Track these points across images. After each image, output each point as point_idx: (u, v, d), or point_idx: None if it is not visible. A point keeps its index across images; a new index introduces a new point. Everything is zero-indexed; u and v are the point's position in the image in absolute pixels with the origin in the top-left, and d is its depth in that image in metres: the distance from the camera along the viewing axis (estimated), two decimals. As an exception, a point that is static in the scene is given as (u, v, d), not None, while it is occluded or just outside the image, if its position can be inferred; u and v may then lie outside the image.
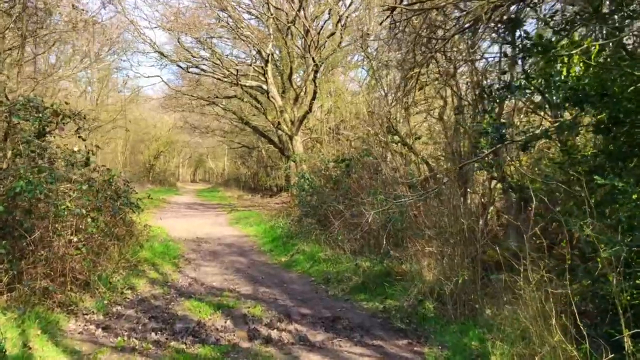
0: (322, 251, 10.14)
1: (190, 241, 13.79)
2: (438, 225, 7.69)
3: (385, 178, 10.81)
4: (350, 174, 11.71)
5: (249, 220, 17.73)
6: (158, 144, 49.36)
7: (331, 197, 11.50)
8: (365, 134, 12.96)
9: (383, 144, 13.13)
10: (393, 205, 8.77)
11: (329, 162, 12.89)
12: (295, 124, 21.34)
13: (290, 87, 22.00)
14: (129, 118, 34.98)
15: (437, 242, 7.35)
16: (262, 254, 11.81)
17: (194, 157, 78.27)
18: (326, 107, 21.72)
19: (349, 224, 10.35)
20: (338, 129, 18.34)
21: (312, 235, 11.06)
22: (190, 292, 8.46)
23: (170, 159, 63.08)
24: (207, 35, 19.39)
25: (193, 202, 31.46)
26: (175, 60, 20.32)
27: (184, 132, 48.29)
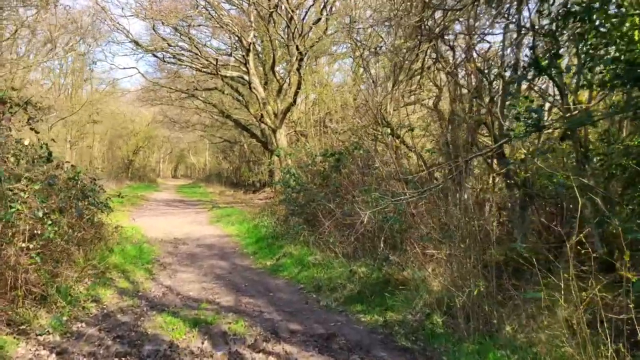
0: (312, 254, 9.20)
1: (167, 242, 12.77)
2: (445, 226, 6.79)
3: (379, 173, 9.91)
4: (341, 170, 10.78)
5: (231, 219, 16.73)
6: (137, 139, 48.07)
7: (320, 195, 10.56)
8: (355, 126, 12.03)
9: (373, 136, 12.22)
10: (390, 204, 7.86)
11: (316, 156, 11.94)
12: (279, 117, 20.36)
13: (273, 78, 20.99)
14: (105, 112, 33.67)
15: (445, 245, 6.45)
16: (245, 257, 10.84)
17: (175, 153, 76.96)
18: (311, 99, 20.76)
19: (341, 224, 9.43)
20: (324, 121, 17.40)
21: (300, 236, 10.11)
22: (164, 304, 7.48)
23: (150, 155, 61.79)
24: (185, 24, 18.29)
25: (173, 198, 30.34)
26: (150, 49, 19.18)
27: (164, 127, 47.05)
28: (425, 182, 10.03)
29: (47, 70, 29.71)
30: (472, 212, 6.18)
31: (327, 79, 19.79)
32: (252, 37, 20.16)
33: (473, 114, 10.67)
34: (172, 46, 19.61)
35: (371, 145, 11.02)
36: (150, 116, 46.89)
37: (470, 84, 10.34)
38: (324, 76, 20.16)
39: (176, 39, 20.16)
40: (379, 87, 14.23)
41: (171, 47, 19.61)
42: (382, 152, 10.94)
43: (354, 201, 9.11)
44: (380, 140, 11.46)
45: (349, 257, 8.66)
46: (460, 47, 10.09)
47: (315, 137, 16.13)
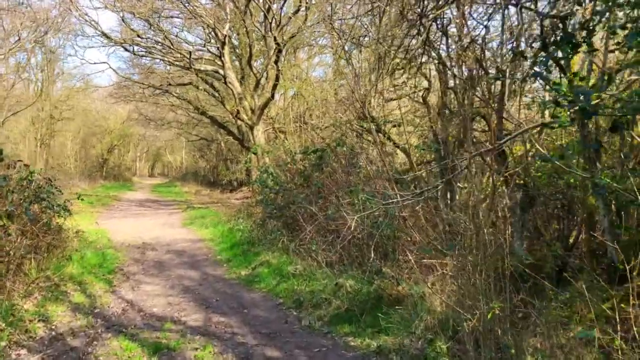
0: (292, 263, 8.24)
1: (135, 248, 11.73)
2: (448, 234, 5.91)
3: (366, 172, 9.01)
4: (323, 168, 9.85)
5: (205, 221, 15.70)
6: (111, 137, 46.67)
7: (300, 196, 9.61)
8: (337, 121, 11.11)
9: (357, 132, 11.32)
10: (380, 208, 6.95)
11: (296, 153, 10.99)
12: (256, 113, 19.36)
13: (250, 72, 19.98)
14: (76, 109, 32.32)
15: (449, 257, 5.56)
16: (218, 265, 9.84)
17: (151, 151, 75.43)
18: (290, 94, 19.79)
19: (324, 229, 8.51)
20: (304, 117, 16.45)
21: (279, 242, 9.14)
22: (123, 323, 6.50)
23: (125, 153, 60.33)
24: (156, 15, 17.16)
25: (146, 198, 29.15)
26: (119, 41, 18.04)
27: (139, 125, 45.74)
28: (416, 182, 9.16)
29: (16, 66, 28.34)
30: (484, 217, 5.29)
31: (307, 73, 18.84)
32: (228, 29, 19.12)
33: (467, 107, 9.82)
34: (143, 38, 18.48)
35: (355, 141, 10.12)
36: (125, 114, 45.57)
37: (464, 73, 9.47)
38: (304, 70, 19.20)
39: (148, 31, 19.04)
40: (363, 80, 13.36)
41: (142, 39, 18.47)
42: (367, 149, 10.06)
43: (338, 204, 8.20)
44: (365, 137, 10.58)
45: (334, 267, 7.74)
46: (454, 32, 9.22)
47: (294, 134, 15.19)
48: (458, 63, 9.55)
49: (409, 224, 7.78)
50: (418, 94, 13.93)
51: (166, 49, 18.91)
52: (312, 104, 16.62)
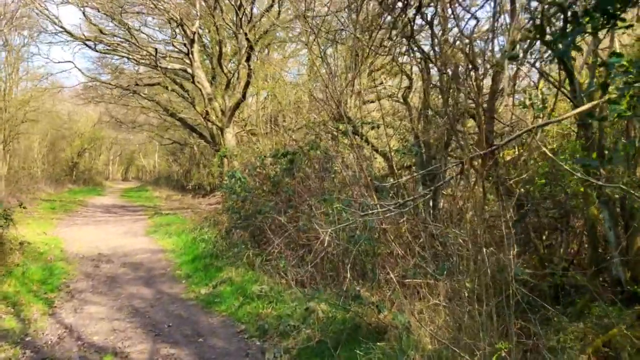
0: (257, 281, 7.26)
1: (89, 260, 10.65)
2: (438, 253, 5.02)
3: (341, 178, 8.08)
4: (294, 173, 8.89)
5: (170, 229, 14.62)
6: (82, 140, 45.11)
7: (268, 204, 8.63)
8: (310, 123, 10.19)
9: (332, 135, 10.41)
10: (357, 219, 6.04)
11: (265, 157, 10.02)
12: (227, 114, 18.33)
13: (220, 71, 18.94)
14: (42, 110, 30.83)
15: (441, 282, 4.66)
16: (176, 281, 8.80)
17: (125, 155, 73.68)
18: (263, 95, 18.83)
19: (295, 242, 7.55)
20: (276, 119, 15.49)
21: (244, 256, 8.14)
22: (55, 356, 5.48)
23: (97, 157, 58.69)
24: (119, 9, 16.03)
25: (114, 204, 27.86)
26: (81, 38, 16.87)
27: (110, 128, 44.34)
28: (398, 189, 8.27)
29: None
30: (481, 232, 4.39)
31: (281, 73, 17.86)
32: (197, 26, 18.07)
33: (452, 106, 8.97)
34: (107, 35, 17.34)
35: (330, 144, 9.20)
36: (96, 116, 44.14)
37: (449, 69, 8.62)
38: (277, 70, 18.22)
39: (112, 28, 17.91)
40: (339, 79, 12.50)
41: (105, 35, 17.33)
42: (344, 153, 9.15)
43: (310, 214, 7.25)
44: (341, 140, 9.67)
45: (305, 286, 6.79)
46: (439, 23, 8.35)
47: (266, 136, 14.22)
48: (443, 58, 8.69)
49: (390, 237, 6.88)
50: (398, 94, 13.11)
51: (132, 46, 17.80)
52: (285, 105, 15.68)
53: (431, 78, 10.00)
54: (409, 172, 11.74)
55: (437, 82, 9.43)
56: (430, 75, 9.95)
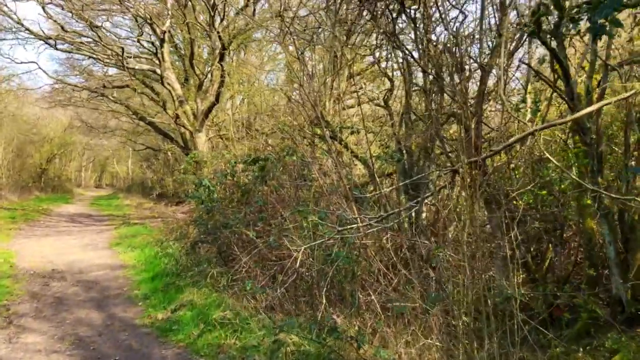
0: (221, 305, 6.36)
1: (39, 277, 9.65)
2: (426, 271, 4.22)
3: (318, 187, 7.24)
4: (267, 181, 8.02)
5: (135, 241, 13.64)
6: (51, 145, 43.57)
7: (238, 216, 7.75)
8: (284, 126, 9.35)
9: (309, 140, 9.60)
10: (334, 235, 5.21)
11: (236, 163, 9.14)
12: (199, 118, 17.43)
13: (192, 73, 18.04)
14: (5, 114, 29.49)
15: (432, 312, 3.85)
16: (132, 303, 7.85)
17: (97, 161, 71.90)
18: (238, 98, 17.96)
19: (265, 259, 6.68)
20: (250, 123, 14.63)
21: (208, 275, 7.24)
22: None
23: (67, 163, 57.05)
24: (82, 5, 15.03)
25: (81, 212, 26.63)
26: (40, 35, 15.81)
27: (81, 133, 42.90)
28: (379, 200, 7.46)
29: None
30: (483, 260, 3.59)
31: (257, 76, 17.02)
32: (168, 25, 17.14)
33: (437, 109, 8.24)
34: (69, 32, 16.30)
35: (307, 150, 8.37)
36: (67, 121, 42.72)
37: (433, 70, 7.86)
38: (253, 72, 17.37)
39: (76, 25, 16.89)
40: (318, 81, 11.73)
41: (67, 33, 16.28)
42: (321, 159, 8.34)
43: (282, 227, 6.40)
44: (319, 145, 8.86)
45: (275, 310, 5.93)
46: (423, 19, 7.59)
47: (238, 141, 13.34)
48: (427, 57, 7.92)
49: (372, 253, 6.06)
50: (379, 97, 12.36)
51: (97, 45, 16.79)
52: (261, 108, 14.84)
53: (414, 80, 9.27)
54: (391, 179, 10.99)
55: (421, 84, 8.71)
56: (412, 77, 9.22)
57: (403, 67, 9.02)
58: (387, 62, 10.77)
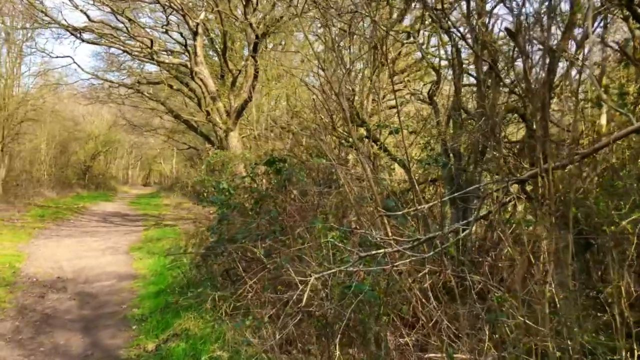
0: (220, 338, 5.17)
1: (39, 286, 8.73)
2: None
3: (345, 196, 6.00)
4: (287, 187, 6.82)
5: (157, 246, 12.69)
6: (96, 143, 43.64)
7: (250, 227, 6.56)
8: (314, 124, 8.14)
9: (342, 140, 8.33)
10: (357, 263, 3.97)
11: (256, 164, 7.99)
12: (232, 116, 16.39)
13: (226, 68, 17.02)
14: (45, 110, 29.24)
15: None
16: (126, 326, 6.74)
17: (145, 159, 72.39)
18: (274, 95, 16.83)
19: (277, 281, 5.47)
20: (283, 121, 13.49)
21: (208, 298, 6.06)
22: None
23: (113, 160, 57.43)
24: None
25: (117, 211, 26.05)
26: (64, 25, 15.08)
27: (126, 131, 42.74)
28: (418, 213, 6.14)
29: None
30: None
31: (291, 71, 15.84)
32: (203, 17, 16.18)
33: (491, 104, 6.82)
34: (95, 22, 15.52)
35: (334, 152, 7.15)
36: (112, 118, 42.74)
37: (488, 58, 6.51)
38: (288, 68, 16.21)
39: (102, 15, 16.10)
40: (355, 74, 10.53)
41: (94, 23, 15.51)
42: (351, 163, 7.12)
43: (296, 246, 5.18)
44: (350, 145, 7.60)
45: (287, 351, 4.72)
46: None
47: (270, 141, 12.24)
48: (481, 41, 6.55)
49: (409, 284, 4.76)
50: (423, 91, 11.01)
51: (127, 37, 15.98)
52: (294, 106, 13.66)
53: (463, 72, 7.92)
54: (435, 186, 9.65)
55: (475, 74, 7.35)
56: (463, 67, 7.87)
57: (452, 55, 7.68)
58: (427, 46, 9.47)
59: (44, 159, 34.18)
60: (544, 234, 2.85)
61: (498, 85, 6.55)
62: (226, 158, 11.27)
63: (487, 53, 6.36)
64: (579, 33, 5.58)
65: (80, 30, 15.43)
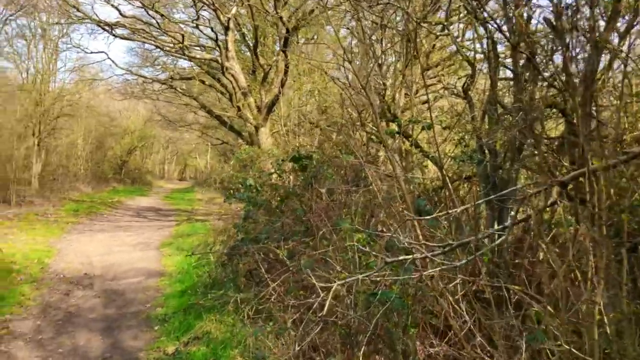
0: (241, 343, 4.99)
1: (66, 282, 8.69)
2: None
3: (373, 195, 5.73)
4: (312, 185, 6.57)
5: (187, 242, 12.60)
6: (132, 138, 44.14)
7: (274, 226, 6.35)
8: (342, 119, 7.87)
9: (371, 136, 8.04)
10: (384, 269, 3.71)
11: (283, 161, 7.77)
12: (263, 112, 16.23)
13: (257, 63, 16.84)
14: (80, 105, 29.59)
15: None
16: (148, 326, 6.61)
17: (180, 154, 73.09)
18: (305, 90, 16.57)
19: (299, 286, 5.24)
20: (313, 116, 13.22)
21: (231, 300, 5.86)
22: None
23: (148, 155, 58.07)
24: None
25: (151, 206, 26.19)
26: (96, 20, 15.09)
27: (160, 126, 43.07)
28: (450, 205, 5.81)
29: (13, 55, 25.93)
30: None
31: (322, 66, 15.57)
32: (235, 11, 16.01)
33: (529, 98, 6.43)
34: (127, 17, 15.50)
35: (362, 147, 6.87)
36: (147, 114, 43.13)
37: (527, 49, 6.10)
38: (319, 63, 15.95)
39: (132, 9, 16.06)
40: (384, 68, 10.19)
41: (126, 18, 15.50)
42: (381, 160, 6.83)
43: (322, 253, 4.93)
44: (379, 141, 7.31)
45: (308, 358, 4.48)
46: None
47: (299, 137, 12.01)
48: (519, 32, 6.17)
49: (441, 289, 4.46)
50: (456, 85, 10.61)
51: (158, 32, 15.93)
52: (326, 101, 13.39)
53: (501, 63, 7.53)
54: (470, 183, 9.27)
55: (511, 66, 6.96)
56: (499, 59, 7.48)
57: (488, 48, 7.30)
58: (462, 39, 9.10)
59: (80, 154, 34.67)
60: (590, 245, 2.54)
61: (536, 79, 6.16)
62: (254, 154, 11.05)
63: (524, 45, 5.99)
64: (623, 23, 5.18)
65: (112, 26, 15.44)
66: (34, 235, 12.98)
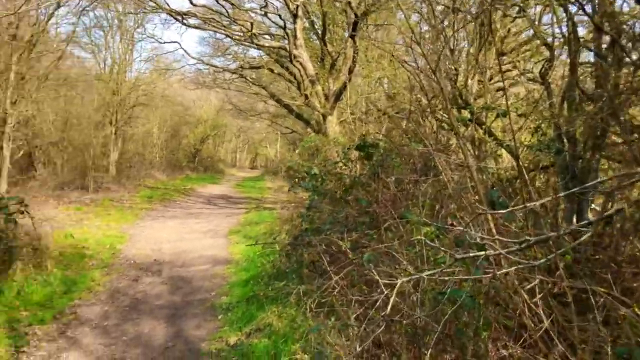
0: (301, 339, 4.83)
1: (135, 268, 8.85)
2: None
3: (443, 186, 5.43)
4: (379, 174, 6.32)
5: (254, 230, 12.63)
6: (204, 127, 45.11)
7: (338, 217, 6.16)
8: (411, 106, 7.53)
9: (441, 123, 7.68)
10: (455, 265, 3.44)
11: (348, 148, 7.55)
12: (330, 100, 16.05)
13: (325, 50, 16.65)
14: (155, 94, 30.36)
15: None
16: (212, 315, 6.57)
17: (252, 142, 74.21)
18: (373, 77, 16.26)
19: (365, 280, 5.03)
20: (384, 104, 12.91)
21: (293, 292, 5.72)
22: None
23: (220, 144, 59.21)
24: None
25: (222, 194, 26.62)
26: (167, 9, 15.26)
27: (231, 115, 43.83)
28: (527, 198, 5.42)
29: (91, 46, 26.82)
30: None
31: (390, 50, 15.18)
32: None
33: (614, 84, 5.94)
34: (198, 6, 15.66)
35: (432, 135, 6.55)
36: (219, 103, 43.92)
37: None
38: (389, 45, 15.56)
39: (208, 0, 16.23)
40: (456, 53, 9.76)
41: (197, 7, 15.67)
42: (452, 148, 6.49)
43: (385, 240, 4.70)
44: (450, 128, 6.96)
45: (372, 356, 4.27)
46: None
47: (367, 125, 11.75)
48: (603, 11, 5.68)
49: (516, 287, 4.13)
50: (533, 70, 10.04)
51: (228, 21, 16.02)
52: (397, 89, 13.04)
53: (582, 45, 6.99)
54: (547, 174, 8.75)
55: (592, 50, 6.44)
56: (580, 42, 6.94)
57: (567, 30, 6.79)
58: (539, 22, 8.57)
59: (156, 142, 35.75)
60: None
61: (622, 62, 5.65)
62: (320, 142, 10.89)
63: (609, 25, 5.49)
64: None
65: (183, 15, 15.64)
66: (108, 221, 13.36)
